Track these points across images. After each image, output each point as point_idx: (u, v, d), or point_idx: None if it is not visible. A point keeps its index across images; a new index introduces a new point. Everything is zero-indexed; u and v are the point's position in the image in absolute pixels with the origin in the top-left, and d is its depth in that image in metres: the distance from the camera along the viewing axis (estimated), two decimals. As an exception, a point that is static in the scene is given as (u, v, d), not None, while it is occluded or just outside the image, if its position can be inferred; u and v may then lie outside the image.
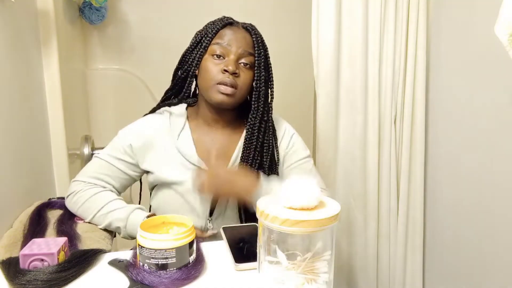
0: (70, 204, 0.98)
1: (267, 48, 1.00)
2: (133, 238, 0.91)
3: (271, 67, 1.02)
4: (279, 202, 0.60)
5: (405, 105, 1.42)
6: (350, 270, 1.51)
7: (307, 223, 0.55)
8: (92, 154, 1.61)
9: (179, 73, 1.03)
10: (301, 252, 0.58)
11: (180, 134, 1.00)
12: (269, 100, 1.02)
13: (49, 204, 1.03)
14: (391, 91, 1.40)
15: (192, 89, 1.06)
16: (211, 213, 1.00)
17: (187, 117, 1.03)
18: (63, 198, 1.07)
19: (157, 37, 1.89)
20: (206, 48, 0.96)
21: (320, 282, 0.59)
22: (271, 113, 1.03)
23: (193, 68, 0.98)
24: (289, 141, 1.06)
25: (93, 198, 0.94)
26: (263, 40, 0.99)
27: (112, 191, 0.99)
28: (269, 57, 1.01)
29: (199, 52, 0.97)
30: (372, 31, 1.36)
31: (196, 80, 1.03)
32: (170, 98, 1.08)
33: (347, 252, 1.49)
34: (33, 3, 1.19)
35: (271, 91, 1.02)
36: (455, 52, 1.31)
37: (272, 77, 1.02)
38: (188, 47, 1.00)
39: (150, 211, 1.05)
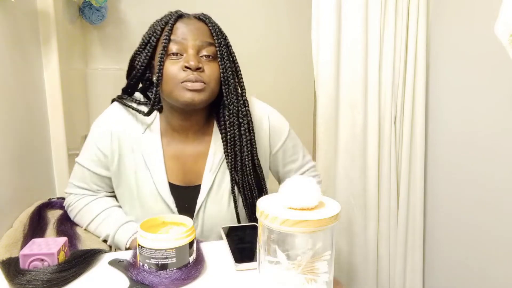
0: (68, 214, 0.99)
1: (226, 36, 0.90)
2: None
3: (235, 56, 0.91)
4: (279, 202, 0.60)
5: (405, 105, 1.42)
6: (350, 270, 1.51)
7: (307, 223, 0.55)
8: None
9: (130, 78, 0.93)
10: (301, 252, 0.58)
11: (146, 130, 0.92)
12: (244, 94, 0.92)
13: (49, 204, 1.04)
14: (391, 91, 1.40)
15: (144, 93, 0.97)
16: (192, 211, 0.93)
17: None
18: (63, 198, 1.08)
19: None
20: (154, 50, 0.87)
21: (320, 282, 0.59)
22: (248, 106, 0.92)
23: (142, 71, 0.89)
24: (268, 126, 0.97)
25: (83, 210, 0.94)
26: (221, 29, 0.89)
27: (104, 196, 0.97)
28: (230, 46, 0.90)
29: (148, 53, 0.87)
30: (372, 31, 1.36)
31: (155, 86, 0.87)
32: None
33: (347, 252, 1.49)
34: (33, 3, 1.19)
35: (240, 84, 0.91)
36: (455, 52, 1.31)
37: (239, 67, 0.91)
38: (137, 48, 0.90)
39: None
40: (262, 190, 0.99)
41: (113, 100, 0.98)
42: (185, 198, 0.92)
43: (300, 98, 2.12)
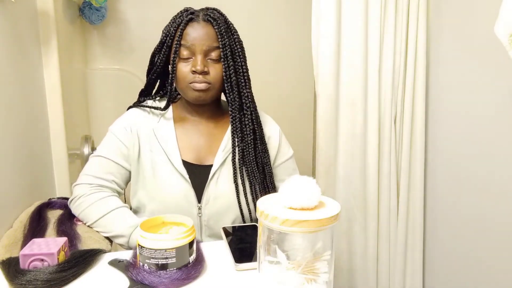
0: (73, 208, 0.98)
1: (234, 32, 0.97)
2: (131, 248, 0.91)
3: (240, 53, 0.97)
4: (279, 202, 0.60)
5: (405, 105, 1.42)
6: (350, 270, 1.51)
7: (307, 223, 0.55)
8: (93, 154, 1.61)
9: (151, 73, 1.04)
10: (301, 252, 0.58)
11: (161, 119, 1.02)
12: (246, 87, 0.98)
13: (49, 204, 1.04)
14: (391, 91, 1.40)
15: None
16: (199, 200, 0.97)
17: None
18: (63, 198, 1.08)
19: (157, 37, 1.86)
20: (170, 50, 0.97)
21: (320, 282, 0.59)
22: (251, 98, 1.00)
23: (161, 69, 1.00)
24: (279, 138, 1.08)
25: (97, 203, 0.94)
26: (228, 26, 0.96)
27: (116, 193, 0.99)
28: (237, 43, 0.97)
29: (165, 53, 0.98)
30: (372, 31, 1.36)
31: (170, 85, 1.01)
32: (145, 99, 1.08)
33: (347, 252, 1.49)
34: (33, 3, 1.19)
35: (244, 78, 0.98)
36: (455, 52, 1.31)
37: (244, 63, 0.98)
38: (156, 47, 1.00)
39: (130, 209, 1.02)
40: (266, 179, 1.03)
41: (129, 108, 1.08)
42: (198, 174, 0.98)
43: (300, 97, 2.11)
